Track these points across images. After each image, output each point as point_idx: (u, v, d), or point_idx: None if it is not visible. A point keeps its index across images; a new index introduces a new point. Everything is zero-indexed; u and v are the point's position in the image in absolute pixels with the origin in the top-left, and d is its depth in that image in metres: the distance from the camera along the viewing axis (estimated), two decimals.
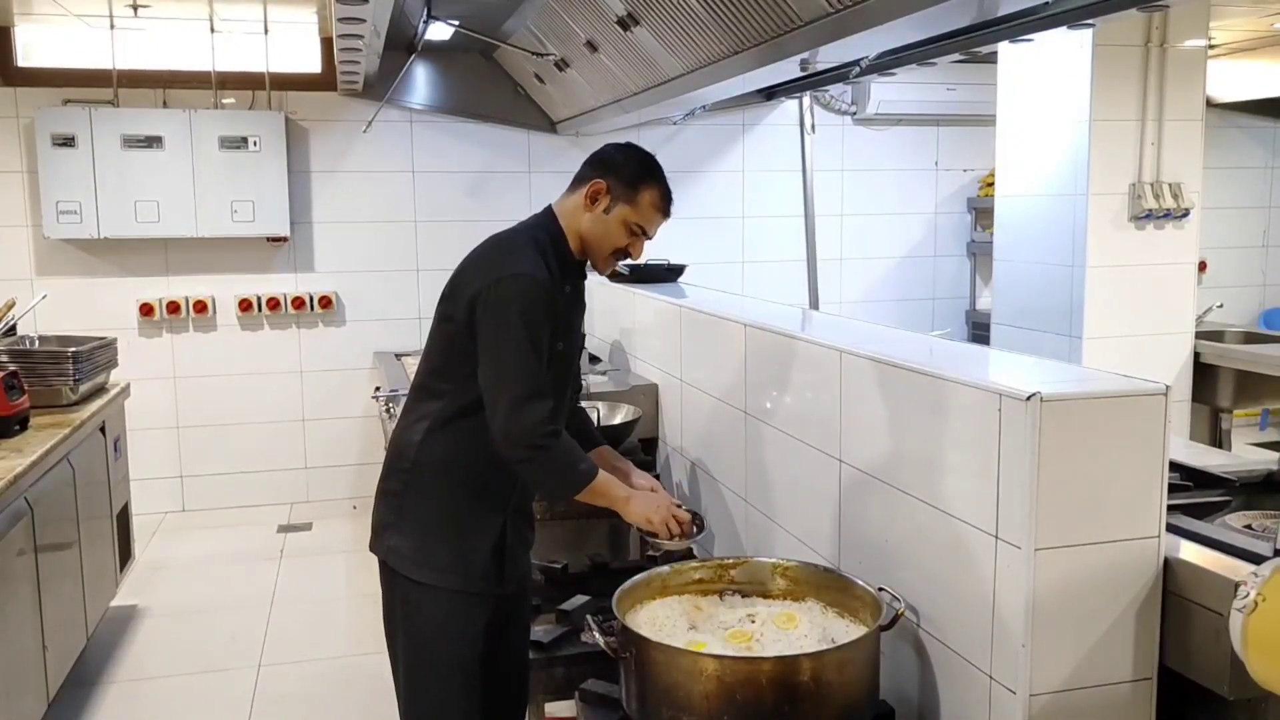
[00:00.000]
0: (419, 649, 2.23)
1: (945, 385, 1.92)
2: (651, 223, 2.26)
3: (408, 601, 2.23)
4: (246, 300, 5.49)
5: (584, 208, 2.23)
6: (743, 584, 2.22)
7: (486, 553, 2.21)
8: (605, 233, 2.23)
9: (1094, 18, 3.17)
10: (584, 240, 2.26)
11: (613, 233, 2.23)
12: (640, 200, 2.22)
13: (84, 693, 3.57)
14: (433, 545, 2.20)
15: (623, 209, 2.22)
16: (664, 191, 2.25)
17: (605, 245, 2.26)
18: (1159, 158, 4.33)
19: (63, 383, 3.60)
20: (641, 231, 2.25)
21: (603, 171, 2.23)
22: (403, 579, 2.22)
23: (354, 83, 5.19)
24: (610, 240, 2.25)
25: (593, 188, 2.22)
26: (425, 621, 2.22)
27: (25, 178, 5.20)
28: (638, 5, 3.53)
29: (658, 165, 2.28)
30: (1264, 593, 1.45)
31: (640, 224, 2.24)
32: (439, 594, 2.19)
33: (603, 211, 2.22)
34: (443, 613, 2.20)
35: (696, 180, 5.98)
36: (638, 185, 2.22)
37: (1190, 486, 2.25)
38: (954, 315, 6.48)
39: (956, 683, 1.92)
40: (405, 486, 2.23)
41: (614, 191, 2.21)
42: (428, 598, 2.20)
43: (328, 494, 5.68)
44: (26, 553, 2.93)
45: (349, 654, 3.87)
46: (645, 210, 2.23)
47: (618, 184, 2.21)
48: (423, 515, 2.21)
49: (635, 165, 2.24)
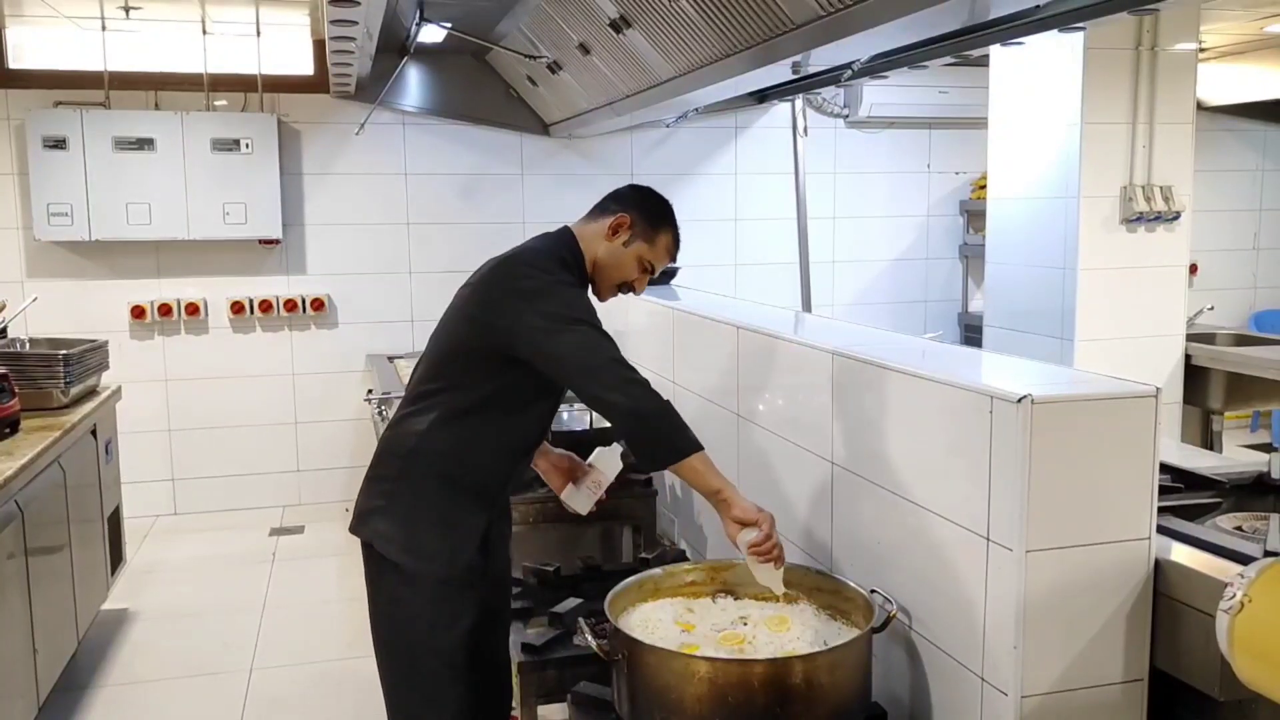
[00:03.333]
0: (405, 640, 2.24)
1: (937, 387, 1.93)
2: (660, 262, 2.38)
3: (394, 594, 2.24)
4: (238, 303, 5.48)
5: (605, 237, 2.32)
6: (735, 586, 2.22)
7: (473, 545, 2.23)
8: (619, 264, 2.33)
9: (1085, 21, 3.18)
10: (597, 267, 2.34)
11: (626, 265, 2.34)
12: (657, 241, 2.34)
13: (74, 696, 3.56)
14: (422, 533, 2.21)
15: (640, 245, 2.32)
16: (677, 237, 2.39)
17: (616, 275, 2.35)
18: (1150, 160, 4.34)
19: (53, 385, 3.59)
20: (650, 269, 2.37)
21: (628, 207, 2.34)
22: (389, 565, 2.23)
23: (346, 85, 5.19)
24: (622, 272, 2.35)
25: (618, 220, 2.32)
26: (411, 612, 2.22)
27: (16, 180, 5.19)
28: (630, 8, 3.53)
29: (673, 212, 2.41)
30: (1250, 594, 1.45)
31: (652, 262, 2.36)
32: (424, 583, 2.20)
33: (622, 244, 2.32)
34: (428, 602, 2.21)
35: (689, 183, 5.98)
36: (658, 226, 2.34)
37: (1181, 488, 2.26)
38: (946, 318, 6.49)
39: (948, 684, 1.93)
40: (399, 473, 2.24)
41: (636, 227, 2.32)
42: (413, 587, 2.21)
43: (320, 497, 5.67)
44: (17, 556, 2.92)
45: (341, 657, 3.86)
46: (659, 251, 2.36)
47: (641, 221, 2.33)
48: (414, 503, 2.22)
49: (657, 208, 2.37)
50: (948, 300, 6.50)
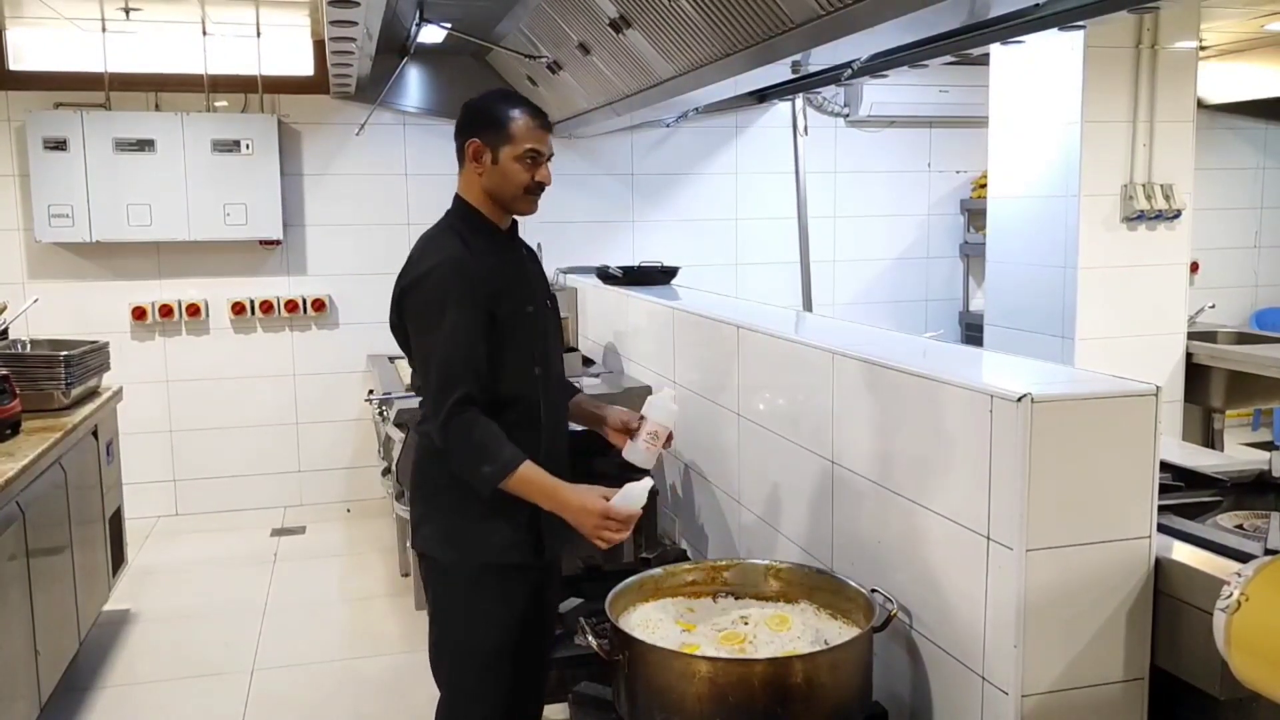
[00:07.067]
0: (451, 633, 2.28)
1: (937, 387, 1.93)
2: (538, 142, 2.26)
3: (439, 589, 2.29)
4: (239, 303, 5.48)
5: (475, 172, 2.27)
6: (735, 585, 2.22)
7: (519, 526, 2.23)
8: (505, 179, 2.25)
9: (1085, 19, 3.18)
10: (493, 198, 2.28)
11: (511, 176, 2.25)
12: (514, 132, 2.23)
13: (76, 698, 3.56)
14: (458, 523, 2.24)
15: (505, 150, 2.24)
16: (529, 110, 2.27)
17: (512, 190, 2.26)
18: (1150, 159, 4.34)
19: (54, 386, 3.59)
20: (536, 156, 2.26)
21: (468, 132, 2.27)
22: (436, 565, 2.28)
23: (346, 85, 5.19)
24: (513, 183, 2.26)
25: (470, 149, 2.26)
26: (453, 602, 2.26)
27: (16, 181, 5.19)
28: (630, 8, 3.53)
29: (511, 93, 2.33)
30: (1247, 592, 1.45)
31: (529, 150, 2.25)
32: (465, 572, 2.24)
33: (491, 164, 2.25)
34: (470, 591, 2.24)
35: (689, 182, 5.98)
36: (503, 121, 2.24)
37: (1182, 486, 2.26)
38: (947, 317, 6.49)
39: (949, 683, 1.93)
40: (425, 478, 2.30)
41: (487, 140, 2.24)
42: (455, 579, 2.25)
43: (321, 497, 5.67)
44: (18, 557, 2.92)
45: (343, 658, 3.86)
46: (523, 137, 2.24)
47: (486, 132, 2.25)
48: (447, 499, 2.25)
49: (491, 107, 2.27)
50: (948, 299, 6.50)
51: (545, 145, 2.28)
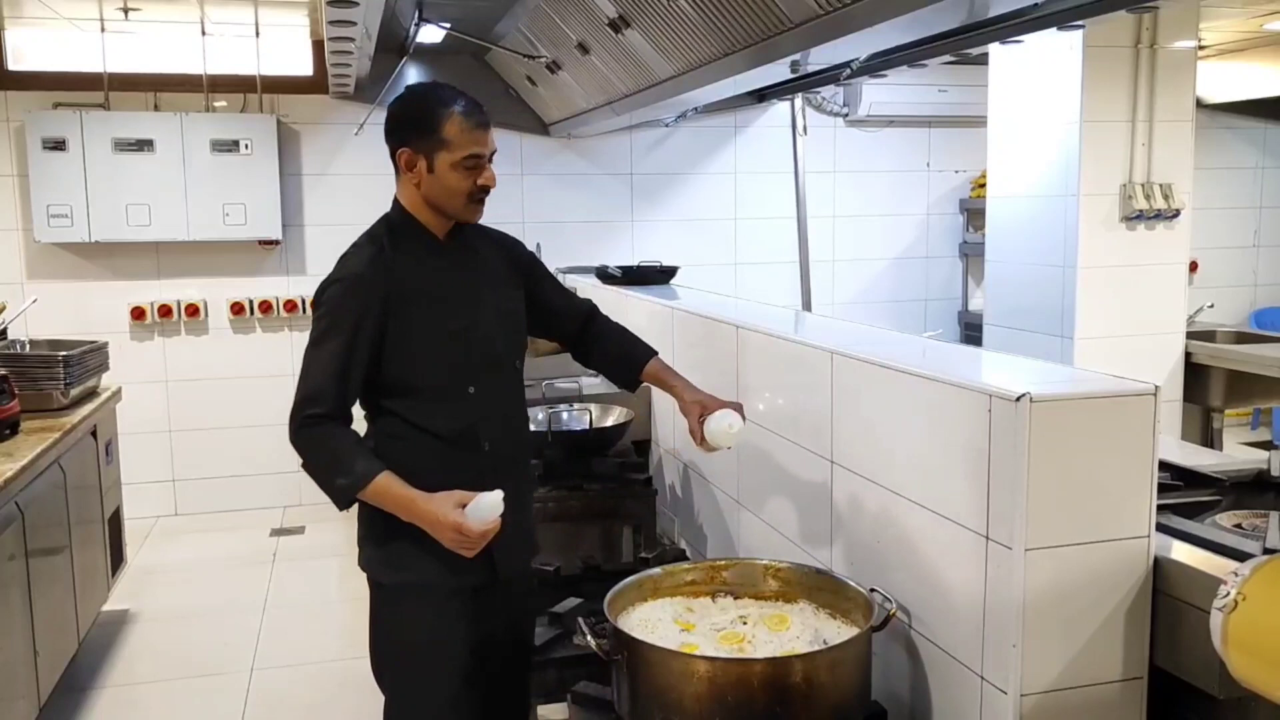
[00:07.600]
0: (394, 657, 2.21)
1: (937, 386, 1.93)
2: (477, 145, 2.06)
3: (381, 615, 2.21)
4: (238, 303, 5.48)
5: (410, 182, 2.09)
6: (734, 585, 2.22)
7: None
8: (445, 187, 2.07)
9: (1084, 19, 3.18)
10: (432, 205, 2.11)
11: (450, 183, 2.07)
12: (448, 137, 2.04)
13: (75, 698, 3.56)
14: (401, 545, 2.12)
15: (441, 157, 2.05)
16: (464, 108, 2.07)
17: (455, 198, 2.09)
18: (1149, 158, 4.34)
19: (53, 387, 3.59)
20: (474, 160, 2.06)
21: (398, 139, 2.08)
22: (381, 589, 2.20)
23: (345, 85, 5.19)
24: (455, 191, 2.08)
25: (401, 160, 2.08)
26: (397, 627, 2.19)
27: (16, 181, 5.19)
28: (629, 8, 3.53)
29: (440, 86, 2.11)
30: (1244, 591, 1.45)
31: (468, 155, 2.06)
32: (407, 593, 2.15)
33: (427, 172, 2.06)
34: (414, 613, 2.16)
35: (688, 182, 5.99)
36: (435, 125, 2.04)
37: (1181, 486, 2.25)
38: (946, 316, 6.49)
39: (948, 683, 1.93)
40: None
41: (420, 148, 2.05)
42: (399, 602, 2.17)
43: (320, 497, 5.54)
44: (17, 557, 2.92)
45: (342, 658, 3.86)
46: (460, 142, 2.04)
47: (417, 139, 2.05)
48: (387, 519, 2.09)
49: (418, 112, 2.07)
50: (947, 299, 6.51)
51: (486, 145, 2.08)
